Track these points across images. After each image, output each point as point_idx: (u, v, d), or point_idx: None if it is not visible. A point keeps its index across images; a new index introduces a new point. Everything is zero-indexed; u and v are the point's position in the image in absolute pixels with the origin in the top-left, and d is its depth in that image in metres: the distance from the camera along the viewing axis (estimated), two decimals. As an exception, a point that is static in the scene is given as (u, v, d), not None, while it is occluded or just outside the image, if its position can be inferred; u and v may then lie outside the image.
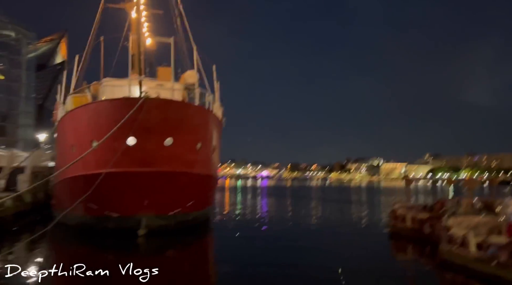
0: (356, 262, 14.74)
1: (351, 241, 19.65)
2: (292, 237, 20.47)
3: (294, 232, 22.53)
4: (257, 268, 13.36)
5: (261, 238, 19.71)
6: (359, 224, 26.20)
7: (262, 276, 12.30)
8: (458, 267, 13.12)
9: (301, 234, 21.55)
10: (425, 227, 18.97)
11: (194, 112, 19.97)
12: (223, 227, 24.07)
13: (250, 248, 17.13)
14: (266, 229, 23.54)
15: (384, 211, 33.82)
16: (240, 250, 16.75)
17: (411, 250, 17.80)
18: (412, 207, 22.08)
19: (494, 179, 26.95)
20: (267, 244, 18.31)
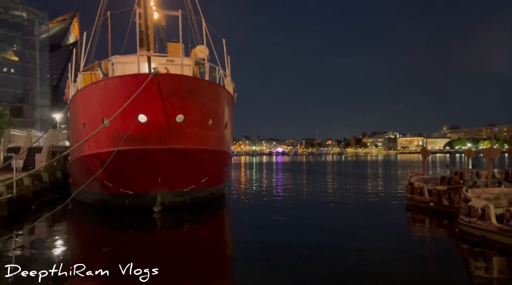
0: (373, 236, 14.54)
1: (368, 215, 19.41)
2: (308, 212, 20.36)
3: (310, 207, 22.40)
4: (273, 244, 13.31)
5: (277, 214, 19.62)
6: (376, 197, 25.91)
7: (277, 251, 12.24)
8: (478, 239, 12.79)
9: (317, 209, 21.40)
10: (443, 199, 18.60)
11: (205, 88, 19.64)
12: (239, 203, 24.10)
13: (266, 224, 17.08)
14: (282, 204, 23.49)
15: (401, 184, 33.40)
16: (255, 225, 16.74)
17: (429, 223, 17.48)
18: (430, 179, 21.62)
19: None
20: (283, 219, 18.24)
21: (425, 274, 10.11)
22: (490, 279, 9.89)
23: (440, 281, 9.44)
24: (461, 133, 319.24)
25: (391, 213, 19.89)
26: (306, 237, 14.25)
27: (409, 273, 10.05)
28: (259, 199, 25.78)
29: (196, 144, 19.16)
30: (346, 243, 13.32)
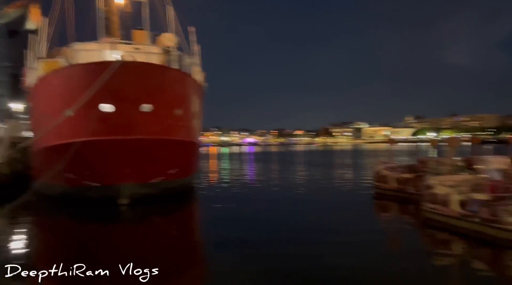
0: (341, 223, 14.80)
1: (337, 203, 19.75)
2: (278, 201, 20.48)
3: (281, 196, 22.54)
4: (244, 234, 13.29)
5: (248, 204, 19.62)
6: (344, 186, 26.40)
7: (248, 241, 12.21)
8: (441, 224, 13.26)
9: (288, 198, 21.56)
10: (408, 187, 19.15)
11: (173, 77, 19.16)
12: (209, 194, 23.91)
13: (237, 214, 17.04)
14: (253, 195, 23.50)
15: (368, 172, 34.21)
16: (226, 217, 16.63)
17: (395, 210, 17.98)
18: (396, 167, 22.19)
19: (476, 138, 27.19)
20: (254, 209, 18.27)
21: (391, 259, 10.35)
22: (452, 263, 10.26)
23: (405, 267, 9.70)
24: (424, 123, 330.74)
25: (359, 201, 20.31)
26: (276, 228, 14.28)
27: (375, 259, 10.27)
28: (230, 190, 25.68)
29: (164, 134, 18.74)
30: (316, 230, 13.48)
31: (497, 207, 11.26)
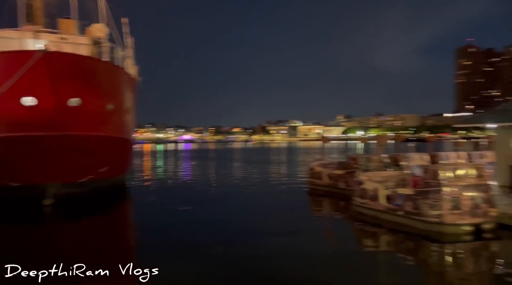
0: (276, 218, 15.03)
1: (272, 199, 20.07)
2: (214, 199, 20.28)
3: (217, 193, 22.38)
4: (179, 233, 12.93)
5: (185, 203, 19.13)
6: (280, 182, 26.93)
7: (184, 244, 11.86)
8: (370, 217, 14.03)
9: (224, 195, 21.46)
10: (340, 183, 20.03)
11: (103, 69, 18.10)
12: (143, 193, 23.01)
13: (172, 214, 16.55)
14: (189, 193, 23.03)
15: (303, 169, 35.28)
16: (160, 216, 16.12)
17: (328, 205, 18.68)
18: (328, 164, 23.09)
19: (400, 136, 29.23)
20: (191, 209, 17.84)
21: (323, 251, 10.70)
22: (378, 253, 10.90)
23: (335, 258, 10.10)
24: (354, 122, 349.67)
25: (294, 197, 20.82)
26: (210, 224, 14.13)
27: (308, 251, 10.55)
28: (164, 188, 24.98)
29: (93, 130, 17.65)
30: (254, 230, 13.51)
31: (418, 201, 12.16)
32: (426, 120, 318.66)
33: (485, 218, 11.55)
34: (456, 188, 11.62)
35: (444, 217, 11.41)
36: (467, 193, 11.58)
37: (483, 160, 22.50)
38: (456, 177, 12.23)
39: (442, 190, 11.56)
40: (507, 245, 11.15)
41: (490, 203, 11.70)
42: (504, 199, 13.80)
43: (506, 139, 17.17)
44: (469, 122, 25.15)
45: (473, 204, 11.49)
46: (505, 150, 17.21)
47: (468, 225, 11.43)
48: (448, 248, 10.84)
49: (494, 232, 11.55)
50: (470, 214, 11.44)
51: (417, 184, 13.22)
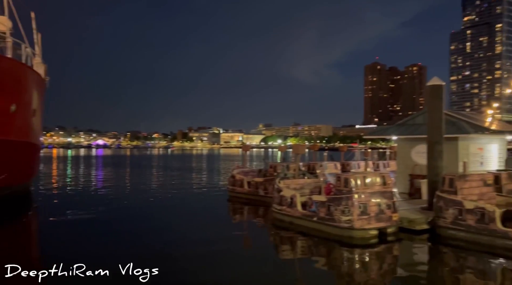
0: (196, 227, 14.83)
1: (192, 207, 19.79)
2: (130, 208, 19.36)
3: (133, 202, 21.37)
4: (91, 250, 12.04)
5: (95, 212, 17.92)
6: (201, 189, 26.66)
7: (95, 255, 11.09)
8: (287, 224, 14.52)
9: (141, 204, 20.57)
10: (259, 190, 20.46)
11: (5, 67, 16.33)
12: (48, 202, 21.06)
13: (82, 225, 15.37)
14: (100, 202, 21.62)
15: (224, 176, 35.36)
16: (67, 228, 14.88)
17: (247, 211, 18.93)
18: (248, 171, 23.49)
19: (314, 145, 30.85)
20: (104, 219, 16.72)
21: (241, 257, 10.81)
22: (294, 257, 11.31)
23: (253, 264, 10.26)
24: (273, 131, 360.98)
25: (214, 204, 20.77)
26: (121, 235, 13.44)
27: (227, 258, 10.58)
28: (72, 197, 23.16)
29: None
30: (167, 234, 13.15)
31: (331, 207, 12.91)
32: (339, 131, 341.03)
33: (389, 222, 12.65)
34: (364, 194, 12.57)
35: (354, 222, 12.26)
36: (374, 200, 12.58)
37: (387, 168, 24.76)
38: (364, 185, 13.25)
39: (353, 197, 12.42)
40: (406, 246, 12.30)
41: (393, 208, 12.85)
42: (404, 205, 15.29)
43: (407, 150, 19.08)
44: (375, 134, 27.46)
45: (378, 209, 12.52)
46: (405, 160, 19.11)
47: (374, 229, 12.41)
48: (357, 251, 11.64)
49: (396, 235, 12.71)
50: (376, 219, 12.45)
51: (330, 191, 14.05)
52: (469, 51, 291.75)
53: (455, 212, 12.18)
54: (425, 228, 12.89)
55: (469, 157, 17.21)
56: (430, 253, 11.87)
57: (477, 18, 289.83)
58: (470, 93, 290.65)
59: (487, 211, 11.47)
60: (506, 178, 14.24)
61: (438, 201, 12.80)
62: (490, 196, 13.25)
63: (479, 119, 20.11)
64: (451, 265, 10.65)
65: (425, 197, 15.13)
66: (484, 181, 13.33)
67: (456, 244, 11.83)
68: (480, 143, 17.92)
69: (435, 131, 14.47)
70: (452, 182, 12.66)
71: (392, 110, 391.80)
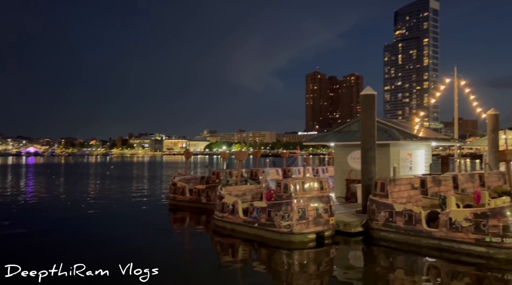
0: (135, 237, 14.29)
1: (131, 218, 19.07)
2: (64, 220, 18.19)
3: (67, 214, 20.11)
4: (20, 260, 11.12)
5: (28, 225, 16.62)
6: (142, 199, 25.78)
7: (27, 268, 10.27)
8: (229, 231, 14.50)
9: (76, 215, 19.42)
10: (202, 197, 20.26)
11: None
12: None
13: (9, 239, 14.18)
14: (32, 213, 20.11)
15: (166, 184, 34.52)
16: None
17: (189, 220, 18.65)
18: (191, 178, 23.18)
19: (257, 152, 31.25)
20: (35, 232, 15.53)
21: (182, 267, 10.61)
22: (235, 263, 11.32)
23: (194, 271, 10.12)
24: (218, 137, 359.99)
25: (155, 213, 20.20)
26: (59, 248, 12.63)
27: (168, 266, 10.31)
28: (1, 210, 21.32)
29: None
30: (106, 245, 12.56)
31: (272, 213, 13.12)
32: (282, 137, 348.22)
33: (326, 226, 13.12)
34: (303, 199, 12.93)
35: (293, 227, 12.55)
36: (312, 204, 12.98)
37: (326, 174, 25.69)
38: (303, 190, 13.64)
39: (292, 202, 12.72)
40: (342, 248, 12.82)
41: (330, 212, 13.35)
42: (341, 208, 15.94)
43: (343, 156, 19.96)
44: (314, 141, 28.45)
45: (316, 213, 12.94)
46: (342, 165, 19.96)
47: (312, 233, 12.80)
48: (296, 255, 11.92)
49: (333, 238, 13.20)
50: (314, 223, 12.85)
51: (271, 197, 14.27)
52: (400, 63, 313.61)
53: (386, 215, 12.94)
54: (359, 231, 13.52)
55: (400, 162, 18.41)
56: (364, 254, 12.46)
57: (407, 32, 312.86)
58: (402, 102, 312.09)
59: (414, 213, 12.32)
60: (431, 182, 15.40)
61: (371, 204, 13.52)
62: (417, 198, 14.24)
63: (408, 127, 21.60)
64: (382, 265, 11.27)
65: (360, 200, 15.89)
66: (412, 185, 14.30)
67: (387, 245, 12.55)
68: (409, 149, 19.24)
69: (368, 138, 15.29)
70: (384, 186, 13.43)
71: (332, 118, 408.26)
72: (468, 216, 11.11)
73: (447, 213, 11.62)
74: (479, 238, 10.82)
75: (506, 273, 9.86)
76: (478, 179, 17.20)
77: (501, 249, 10.50)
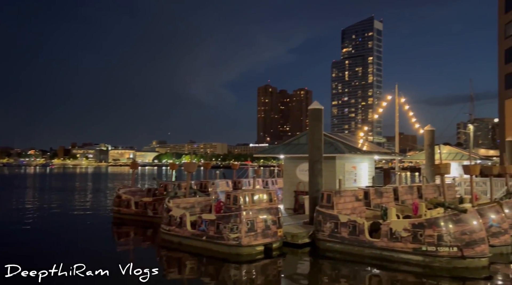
0: (73, 254, 13.45)
1: (75, 231, 18.03)
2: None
3: (2, 230, 18.58)
4: None
5: None
6: (84, 212, 24.45)
7: None
8: (177, 244, 14.13)
9: (9, 231, 17.99)
10: (148, 210, 19.62)
11: None
12: None
13: None
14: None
15: (110, 197, 33.06)
16: None
17: (134, 234, 17.94)
18: (137, 191, 22.42)
19: (207, 163, 30.92)
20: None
21: (127, 281, 10.18)
22: (183, 279, 11.03)
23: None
24: (167, 148, 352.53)
25: (98, 227, 19.22)
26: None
27: (112, 282, 9.85)
28: None
29: None
30: (44, 262, 11.70)
31: (221, 225, 12.99)
32: (234, 149, 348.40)
33: (274, 238, 13.21)
34: (252, 211, 12.96)
35: (242, 239, 12.50)
36: (261, 216, 13.04)
37: (275, 186, 25.99)
38: (252, 202, 13.67)
39: (241, 214, 12.68)
40: (289, 260, 12.94)
41: (278, 224, 13.47)
42: (289, 220, 16.17)
43: (292, 168, 20.33)
44: (264, 153, 28.74)
45: (265, 225, 13.00)
46: (291, 177, 20.31)
47: (260, 245, 12.82)
48: (244, 268, 11.85)
49: (280, 249, 13.31)
50: (262, 235, 12.90)
51: (220, 209, 14.14)
52: (347, 79, 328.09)
53: (331, 226, 13.30)
54: (306, 242, 13.76)
55: (345, 174, 19.09)
56: (311, 265, 12.67)
57: (353, 50, 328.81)
58: (348, 117, 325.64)
59: (357, 224, 12.77)
60: (374, 194, 16.08)
61: (317, 216, 13.84)
62: (360, 209, 14.79)
63: (353, 141, 22.51)
64: (327, 275, 11.52)
65: (308, 212, 16.21)
66: (356, 196, 14.84)
67: (333, 255, 12.87)
68: (354, 162, 20.02)
69: (315, 151, 15.72)
70: (330, 198, 13.83)
71: (283, 130, 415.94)
72: (406, 226, 11.70)
73: (388, 223, 12.17)
74: (416, 247, 11.43)
75: (440, 281, 10.46)
76: (416, 191, 18.22)
77: (436, 258, 11.15)
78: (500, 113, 45.03)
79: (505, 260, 12.27)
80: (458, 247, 10.94)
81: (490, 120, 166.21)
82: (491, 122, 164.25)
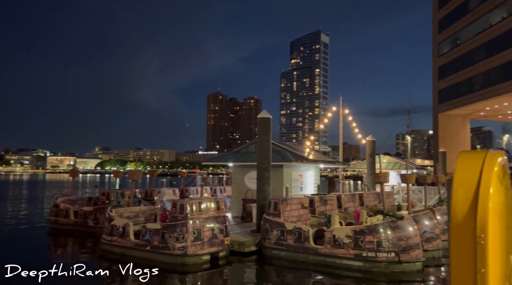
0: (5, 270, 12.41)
1: (6, 243, 16.62)
2: None
3: None
4: None
5: None
6: (17, 222, 22.69)
7: None
8: (118, 256, 13.51)
9: None
10: (89, 220, 18.65)
11: None
12: None
13: None
14: None
15: (48, 205, 31.01)
16: None
17: (72, 245, 16.95)
18: (76, 200, 21.24)
19: (154, 171, 30.09)
20: None
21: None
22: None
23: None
24: (111, 155, 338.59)
25: (33, 239, 17.93)
26: None
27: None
28: None
29: None
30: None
31: (166, 235, 12.64)
32: (182, 156, 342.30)
33: (221, 246, 13.09)
34: (199, 220, 12.76)
35: (188, 249, 12.26)
36: (208, 225, 12.88)
37: (224, 194, 25.86)
38: (199, 210, 13.47)
39: (188, 223, 12.44)
40: (236, 269, 12.89)
41: (225, 232, 13.38)
42: (236, 228, 16.12)
43: (241, 176, 20.36)
44: (214, 161, 28.57)
45: (211, 234, 12.86)
46: (239, 185, 20.33)
47: (207, 254, 12.64)
48: (189, 278, 11.60)
49: (227, 258, 13.21)
50: (209, 244, 12.73)
51: (166, 218, 13.78)
52: (295, 90, 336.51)
53: (278, 233, 13.45)
54: (253, 250, 13.79)
55: (292, 182, 19.46)
56: (257, 273, 12.70)
57: (301, 61, 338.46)
58: (296, 126, 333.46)
59: (303, 231, 13.03)
60: (318, 201, 16.54)
61: (264, 223, 13.94)
62: (306, 217, 15.12)
63: (300, 150, 23.07)
64: (273, 282, 11.62)
65: (255, 220, 16.28)
66: (302, 204, 15.17)
67: (279, 263, 13.00)
68: (300, 170, 20.49)
69: (263, 159, 15.89)
70: (276, 205, 14.00)
71: (232, 138, 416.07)
72: (348, 233, 12.14)
73: (331, 230, 12.54)
74: (357, 253, 11.88)
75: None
76: (358, 198, 18.99)
77: (375, 263, 11.65)
78: (434, 126, 48.49)
79: (437, 263, 13.12)
80: (395, 252, 11.52)
81: (425, 132, 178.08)
82: (426, 134, 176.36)
